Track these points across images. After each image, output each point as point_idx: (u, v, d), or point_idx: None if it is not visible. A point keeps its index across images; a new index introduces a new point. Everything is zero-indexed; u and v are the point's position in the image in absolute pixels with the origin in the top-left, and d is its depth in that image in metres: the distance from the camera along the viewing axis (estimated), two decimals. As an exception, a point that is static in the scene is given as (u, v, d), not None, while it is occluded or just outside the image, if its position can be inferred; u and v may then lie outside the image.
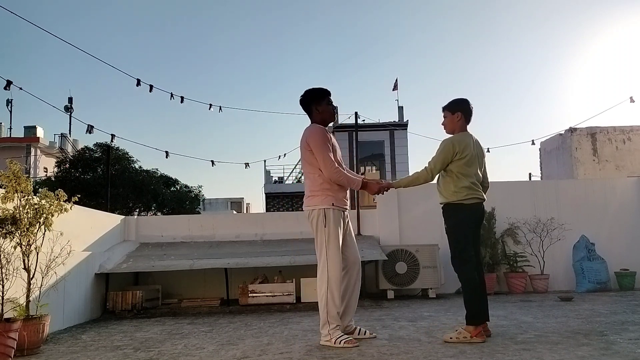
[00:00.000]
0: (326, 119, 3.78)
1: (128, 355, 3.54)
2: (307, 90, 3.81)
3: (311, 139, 3.65)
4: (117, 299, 6.07)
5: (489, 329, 3.72)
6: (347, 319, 3.74)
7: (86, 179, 15.35)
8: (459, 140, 3.73)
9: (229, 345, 3.78)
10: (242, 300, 6.49)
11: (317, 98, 3.76)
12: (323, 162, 3.59)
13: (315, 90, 3.80)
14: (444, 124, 3.91)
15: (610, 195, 7.98)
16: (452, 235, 3.75)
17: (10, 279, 3.67)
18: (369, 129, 19.79)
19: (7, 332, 3.38)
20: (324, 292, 3.54)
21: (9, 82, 6.93)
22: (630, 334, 3.64)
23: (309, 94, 3.79)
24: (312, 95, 3.77)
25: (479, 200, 3.74)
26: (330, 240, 3.58)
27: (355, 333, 3.74)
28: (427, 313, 5.26)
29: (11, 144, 24.90)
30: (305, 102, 3.80)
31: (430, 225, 7.49)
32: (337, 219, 3.64)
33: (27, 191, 3.90)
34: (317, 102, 3.76)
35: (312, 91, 3.80)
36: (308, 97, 3.78)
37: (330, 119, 3.80)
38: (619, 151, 13.03)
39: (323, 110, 3.76)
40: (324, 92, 3.79)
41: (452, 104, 3.88)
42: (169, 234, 7.80)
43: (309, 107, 3.79)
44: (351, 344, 3.44)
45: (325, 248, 3.58)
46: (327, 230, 3.59)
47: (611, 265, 7.32)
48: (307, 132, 3.72)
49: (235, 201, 30.87)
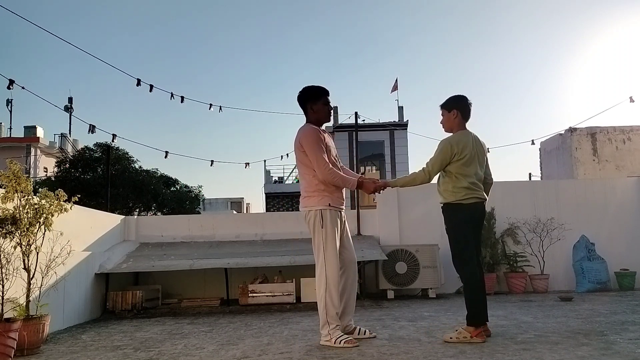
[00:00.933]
0: (321, 118, 3.73)
1: (128, 355, 3.54)
2: (305, 87, 3.76)
3: (304, 139, 3.61)
4: (117, 299, 6.07)
5: (489, 328, 3.72)
6: (346, 319, 3.74)
7: (86, 179, 15.34)
8: (457, 140, 3.68)
9: (229, 345, 3.78)
10: (242, 300, 6.49)
11: (313, 97, 3.71)
12: (316, 163, 3.56)
13: (313, 88, 3.75)
14: (442, 122, 3.87)
15: (610, 195, 7.98)
16: (452, 236, 3.74)
17: (10, 279, 3.67)
18: (369, 129, 19.79)
19: (7, 332, 3.38)
20: (323, 293, 3.54)
21: (12, 81, 6.94)
22: (630, 334, 3.64)
23: (306, 92, 3.74)
24: (309, 94, 3.72)
25: (478, 199, 3.71)
26: (327, 241, 3.57)
27: (355, 333, 3.73)
28: (427, 313, 5.26)
29: (11, 144, 24.91)
30: (301, 100, 3.75)
31: (430, 225, 7.50)
32: (334, 220, 3.62)
33: (27, 191, 3.90)
34: (313, 101, 3.71)
35: (309, 89, 3.75)
36: (304, 95, 3.73)
37: (325, 119, 3.74)
38: (619, 151, 13.03)
39: (318, 110, 3.71)
40: (321, 91, 3.74)
41: (448, 101, 3.82)
42: (169, 234, 7.80)
43: (304, 106, 3.74)
44: (351, 343, 3.44)
45: (322, 249, 3.58)
46: (324, 232, 3.57)
47: (611, 265, 7.32)
48: (300, 133, 3.68)
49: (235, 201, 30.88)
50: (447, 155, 3.66)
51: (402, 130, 21.78)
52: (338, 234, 3.65)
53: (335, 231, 3.62)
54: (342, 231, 3.73)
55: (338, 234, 3.65)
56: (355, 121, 9.95)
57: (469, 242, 3.68)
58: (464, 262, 3.64)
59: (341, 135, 22.37)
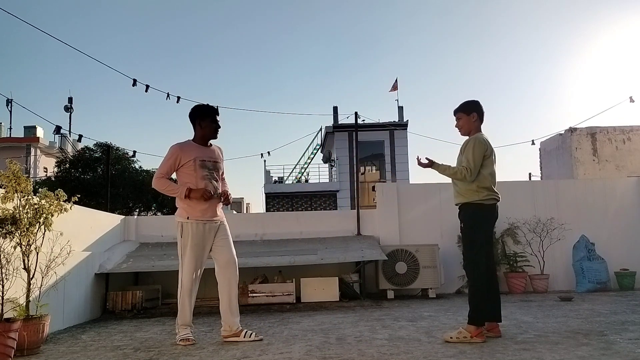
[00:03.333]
0: (206, 135, 3.99)
1: (128, 355, 3.54)
2: (195, 105, 4.04)
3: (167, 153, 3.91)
4: (117, 299, 6.07)
5: (500, 330, 3.73)
6: (232, 320, 3.90)
7: (86, 179, 15.33)
8: (485, 138, 3.76)
9: (229, 345, 3.78)
10: (242, 300, 6.47)
11: (202, 115, 3.96)
12: None
13: (202, 107, 4.03)
14: (460, 125, 3.89)
15: (610, 195, 7.98)
16: (468, 236, 3.74)
17: (10, 279, 3.66)
18: (369, 129, 19.77)
19: (7, 332, 3.38)
20: (179, 297, 3.87)
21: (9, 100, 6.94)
22: (630, 334, 3.64)
23: (196, 110, 3.99)
24: (199, 112, 3.98)
25: (497, 200, 3.75)
26: (183, 252, 3.85)
27: (241, 335, 3.88)
28: (427, 313, 5.26)
29: (11, 144, 24.92)
30: (191, 117, 4.00)
31: (430, 225, 7.50)
32: (192, 231, 3.83)
33: (27, 191, 3.90)
34: (201, 118, 3.96)
35: (199, 107, 4.02)
36: (195, 113, 3.98)
37: (211, 136, 4.00)
38: (619, 151, 13.02)
39: (205, 126, 3.96)
40: (209, 110, 4.00)
41: (465, 105, 3.88)
42: (169, 234, 7.78)
43: (193, 122, 3.99)
44: (188, 342, 3.79)
45: (180, 258, 3.88)
46: (182, 242, 3.86)
47: (611, 265, 7.33)
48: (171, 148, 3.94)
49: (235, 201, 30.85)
50: (483, 150, 3.68)
51: (402, 130, 21.78)
52: (199, 245, 3.84)
53: (192, 242, 3.82)
54: (211, 239, 3.92)
55: (199, 244, 3.84)
56: (355, 121, 9.94)
57: (484, 244, 3.69)
58: (475, 265, 3.64)
59: (341, 135, 22.40)
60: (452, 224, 7.26)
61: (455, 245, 7.23)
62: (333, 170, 24.09)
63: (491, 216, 3.75)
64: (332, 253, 6.81)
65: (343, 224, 7.90)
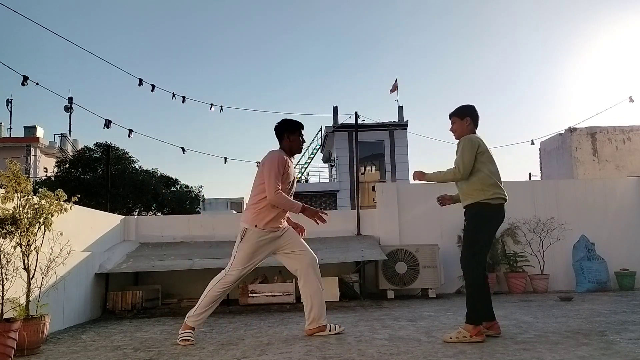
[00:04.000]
0: (293, 148, 4.11)
1: (128, 355, 3.54)
2: (284, 119, 4.15)
3: (268, 161, 3.92)
4: (117, 299, 6.07)
5: (499, 328, 3.74)
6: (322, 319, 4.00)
7: (86, 179, 15.32)
8: (474, 137, 3.79)
9: (229, 345, 3.78)
10: (242, 300, 6.50)
11: (291, 128, 4.09)
12: (268, 184, 3.85)
13: (292, 121, 4.15)
14: (453, 129, 3.94)
15: (610, 195, 7.98)
16: (471, 236, 3.73)
17: (10, 279, 3.67)
18: (369, 129, 19.79)
19: (7, 332, 3.38)
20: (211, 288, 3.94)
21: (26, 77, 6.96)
22: (630, 334, 3.64)
23: (285, 123, 4.11)
24: (288, 125, 4.10)
25: (504, 200, 3.75)
26: (237, 255, 3.92)
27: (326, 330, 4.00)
28: (427, 313, 5.26)
29: (11, 144, 24.93)
30: (280, 130, 4.11)
31: (430, 225, 7.50)
32: (256, 239, 3.88)
33: (26, 191, 3.90)
34: (291, 131, 4.08)
35: (288, 121, 4.13)
36: (283, 126, 4.10)
37: (297, 150, 4.14)
38: (619, 151, 13.02)
39: (294, 140, 4.09)
40: (298, 125, 4.13)
41: (460, 110, 3.92)
42: (169, 234, 7.80)
43: (281, 134, 4.10)
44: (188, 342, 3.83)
45: (232, 258, 3.96)
46: (240, 246, 3.92)
47: (611, 265, 7.33)
48: (268, 154, 4.01)
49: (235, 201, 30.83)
50: (473, 148, 3.70)
51: (402, 130, 21.79)
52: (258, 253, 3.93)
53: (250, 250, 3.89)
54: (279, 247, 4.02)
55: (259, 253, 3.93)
56: (355, 121, 9.94)
57: (486, 244, 3.69)
58: (476, 265, 3.64)
59: (341, 135, 22.40)
60: (452, 224, 7.30)
61: (455, 245, 7.23)
62: (333, 170, 24.11)
63: (496, 217, 3.74)
64: (332, 253, 6.80)
65: (343, 224, 7.90)
